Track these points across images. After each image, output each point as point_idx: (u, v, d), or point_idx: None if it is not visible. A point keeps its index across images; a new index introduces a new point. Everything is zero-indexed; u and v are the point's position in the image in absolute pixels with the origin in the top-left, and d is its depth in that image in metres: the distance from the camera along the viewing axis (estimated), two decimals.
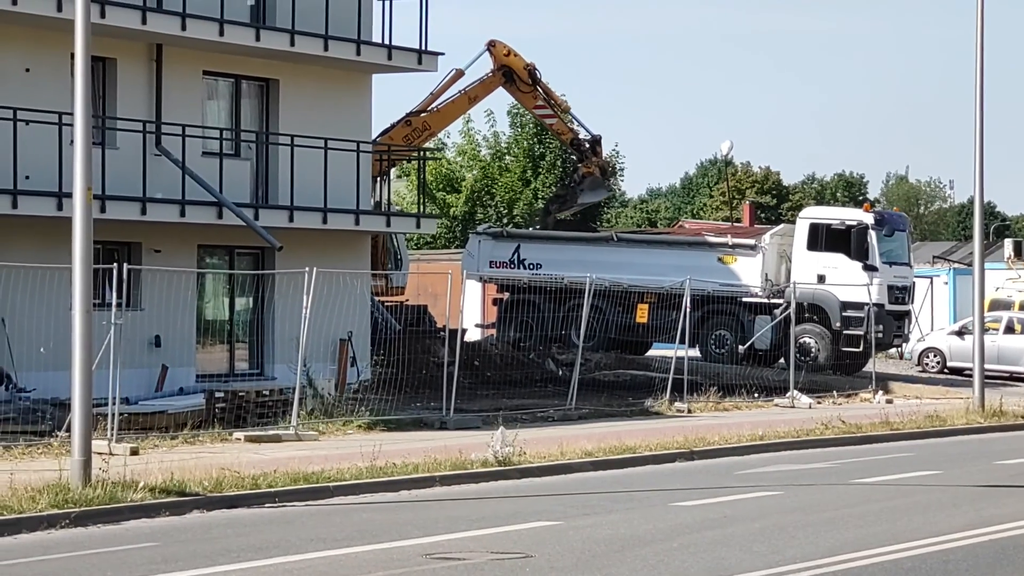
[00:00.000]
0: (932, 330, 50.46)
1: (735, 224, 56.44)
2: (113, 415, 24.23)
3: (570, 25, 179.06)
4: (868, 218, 42.59)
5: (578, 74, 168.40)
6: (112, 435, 23.96)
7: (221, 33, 31.30)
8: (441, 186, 64.74)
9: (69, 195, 21.48)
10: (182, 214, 30.64)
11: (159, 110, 31.25)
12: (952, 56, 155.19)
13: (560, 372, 39.74)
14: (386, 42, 35.12)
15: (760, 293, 42.33)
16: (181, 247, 31.69)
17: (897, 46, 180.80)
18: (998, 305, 48.98)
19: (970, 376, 36.44)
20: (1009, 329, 46.62)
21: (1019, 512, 19.76)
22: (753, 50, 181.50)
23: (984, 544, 17.46)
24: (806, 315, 41.96)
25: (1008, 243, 67.05)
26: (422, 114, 42.17)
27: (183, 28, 30.64)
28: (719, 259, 42.85)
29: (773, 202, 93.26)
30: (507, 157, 64.20)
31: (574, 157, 47.23)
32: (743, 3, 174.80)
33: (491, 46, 43.23)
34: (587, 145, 45.34)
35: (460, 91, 42.61)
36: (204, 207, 30.99)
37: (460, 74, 42.25)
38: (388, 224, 36.62)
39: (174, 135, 30.86)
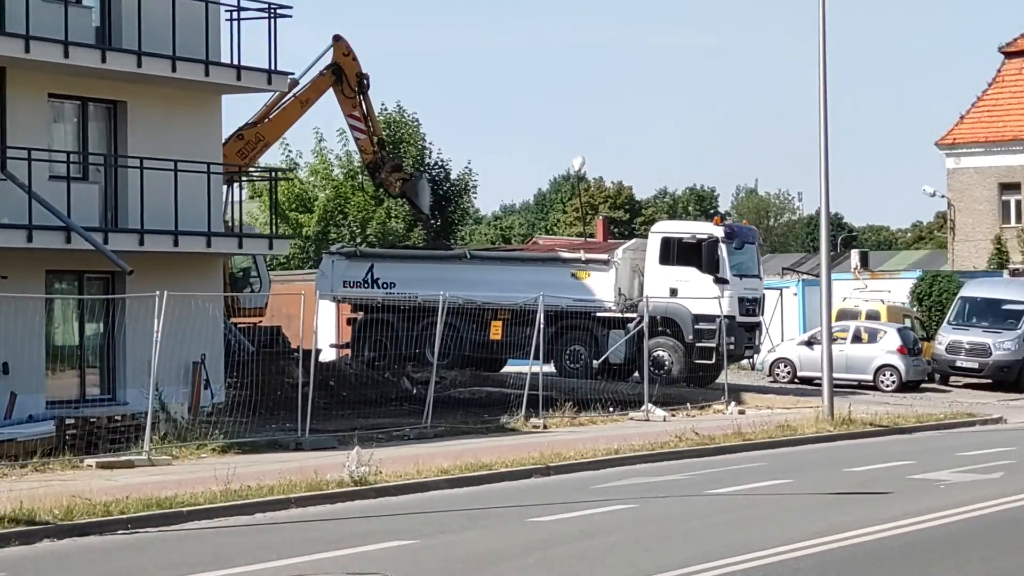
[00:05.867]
0: (782, 341, 51.09)
1: (588, 239, 56.82)
2: None
3: (417, 42, 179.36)
4: (718, 231, 43.06)
5: (427, 91, 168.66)
6: None
7: (66, 55, 30.93)
8: (294, 206, 64.42)
9: None
10: (29, 239, 30.23)
11: (3, 133, 30.81)
12: (798, 68, 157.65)
13: (415, 390, 39.70)
14: (235, 62, 34.94)
15: (614, 308, 42.62)
16: (29, 272, 31.24)
17: (744, 59, 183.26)
18: (845, 315, 49.78)
19: (820, 385, 36.94)
20: (856, 338, 47.41)
21: (867, 519, 20.09)
22: (603, 64, 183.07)
23: (834, 551, 17.75)
24: (659, 329, 42.32)
25: (855, 254, 68.28)
26: (256, 126, 41.74)
27: (27, 50, 30.25)
28: (572, 275, 43.06)
29: (626, 217, 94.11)
30: (360, 176, 63.98)
31: (371, 177, 47.21)
32: (593, 18, 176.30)
33: (335, 40, 42.96)
34: (379, 164, 45.35)
35: (291, 96, 42.15)
36: (52, 232, 30.60)
37: (295, 84, 41.84)
38: (240, 245, 36.34)
39: (20, 159, 30.44)
